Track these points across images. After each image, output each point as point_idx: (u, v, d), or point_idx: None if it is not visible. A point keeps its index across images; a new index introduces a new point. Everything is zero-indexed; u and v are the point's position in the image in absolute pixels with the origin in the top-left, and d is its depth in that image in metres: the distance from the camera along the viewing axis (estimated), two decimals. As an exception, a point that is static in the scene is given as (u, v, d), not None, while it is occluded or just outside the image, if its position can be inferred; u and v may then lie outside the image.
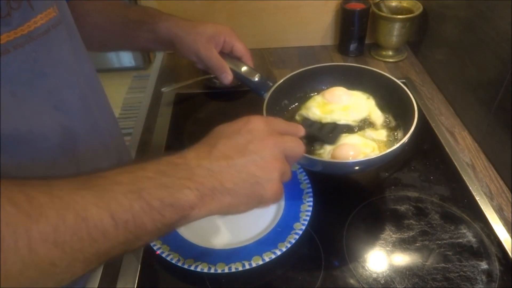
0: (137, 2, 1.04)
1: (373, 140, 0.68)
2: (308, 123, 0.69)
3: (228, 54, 0.74)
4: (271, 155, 0.43)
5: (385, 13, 0.97)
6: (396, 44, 1.03)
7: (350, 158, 0.62)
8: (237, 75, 0.72)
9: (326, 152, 0.66)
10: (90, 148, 0.57)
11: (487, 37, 0.74)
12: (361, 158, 0.62)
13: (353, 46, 1.05)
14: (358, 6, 0.99)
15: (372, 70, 0.73)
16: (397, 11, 1.00)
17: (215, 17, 1.05)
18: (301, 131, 0.50)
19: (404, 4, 1.01)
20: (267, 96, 0.68)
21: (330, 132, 0.67)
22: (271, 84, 0.70)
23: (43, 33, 0.46)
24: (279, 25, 1.08)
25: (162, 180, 0.37)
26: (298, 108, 0.74)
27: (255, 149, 0.42)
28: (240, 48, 0.74)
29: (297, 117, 0.73)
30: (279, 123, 0.48)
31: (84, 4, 0.68)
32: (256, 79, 0.71)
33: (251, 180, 0.42)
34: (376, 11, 0.98)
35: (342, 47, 1.07)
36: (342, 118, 0.70)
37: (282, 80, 0.71)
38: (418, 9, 0.96)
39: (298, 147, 0.47)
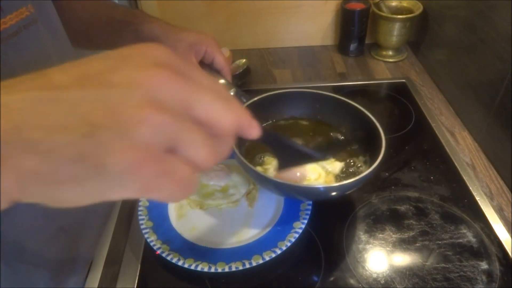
0: (137, 3, 1.04)
1: (323, 168, 0.64)
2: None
3: (208, 65, 0.72)
4: (146, 96, 0.22)
5: (385, 13, 0.98)
6: (396, 44, 1.03)
7: (297, 181, 0.60)
8: None
9: (272, 169, 0.63)
10: None
11: (487, 37, 0.74)
12: (306, 183, 0.60)
13: (353, 46, 1.05)
14: (358, 6, 0.99)
15: (344, 101, 0.68)
16: (397, 11, 1.00)
17: (215, 17, 1.05)
18: (256, 130, 0.26)
19: (404, 4, 1.01)
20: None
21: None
22: (244, 100, 0.68)
23: (13, 34, 0.44)
24: (279, 25, 1.08)
25: None
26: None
27: (117, 80, 0.22)
28: (220, 61, 0.71)
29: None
30: (207, 78, 0.25)
31: (71, 2, 0.68)
32: (231, 93, 0.69)
33: (84, 128, 0.21)
34: (376, 11, 0.98)
35: (342, 47, 1.07)
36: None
37: (252, 100, 0.68)
38: (418, 9, 0.96)
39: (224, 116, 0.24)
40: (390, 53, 1.05)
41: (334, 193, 0.59)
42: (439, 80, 0.96)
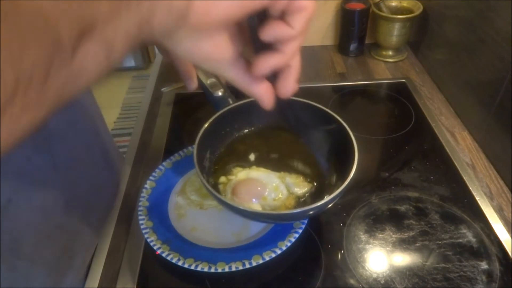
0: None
1: (287, 188, 0.60)
2: None
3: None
4: None
5: (385, 13, 0.98)
6: (396, 44, 1.03)
7: (253, 199, 0.58)
8: (202, 85, 0.69)
9: (234, 180, 0.60)
10: (67, 147, 0.57)
11: (487, 37, 0.74)
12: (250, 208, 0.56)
13: (353, 46, 1.05)
14: (358, 6, 0.99)
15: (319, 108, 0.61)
16: (397, 11, 1.00)
17: (215, 17, 1.05)
18: None
19: (404, 4, 1.01)
20: (219, 113, 0.63)
21: None
22: (231, 102, 0.65)
23: None
24: (279, 25, 1.07)
25: None
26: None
27: None
28: None
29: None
30: None
31: None
32: (219, 94, 0.66)
33: None
34: (376, 11, 0.98)
35: (342, 47, 1.07)
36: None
37: (238, 103, 0.64)
38: (418, 9, 0.96)
39: None
40: (390, 53, 1.05)
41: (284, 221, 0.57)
42: (439, 80, 0.96)
